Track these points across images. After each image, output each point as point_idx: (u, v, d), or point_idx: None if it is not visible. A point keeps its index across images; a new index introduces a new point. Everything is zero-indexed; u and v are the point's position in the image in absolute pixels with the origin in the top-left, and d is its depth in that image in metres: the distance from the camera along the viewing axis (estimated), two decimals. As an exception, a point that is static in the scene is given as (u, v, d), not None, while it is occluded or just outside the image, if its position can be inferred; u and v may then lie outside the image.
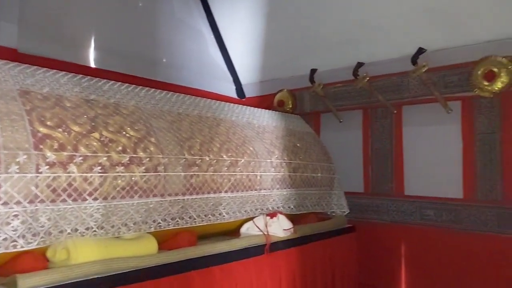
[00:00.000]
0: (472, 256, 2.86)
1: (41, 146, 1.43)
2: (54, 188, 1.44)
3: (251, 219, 2.29)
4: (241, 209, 2.21)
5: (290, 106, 3.87)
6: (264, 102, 3.94)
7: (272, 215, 2.33)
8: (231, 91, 4.29)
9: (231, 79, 4.30)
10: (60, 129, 1.52)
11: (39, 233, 1.40)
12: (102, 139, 1.63)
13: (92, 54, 3.04)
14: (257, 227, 2.26)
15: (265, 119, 2.84)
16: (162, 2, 3.69)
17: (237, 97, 4.31)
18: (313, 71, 3.70)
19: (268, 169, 2.42)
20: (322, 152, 3.03)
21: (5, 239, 1.32)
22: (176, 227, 1.86)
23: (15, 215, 1.34)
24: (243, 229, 2.29)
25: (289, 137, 2.81)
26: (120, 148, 1.68)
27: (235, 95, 4.31)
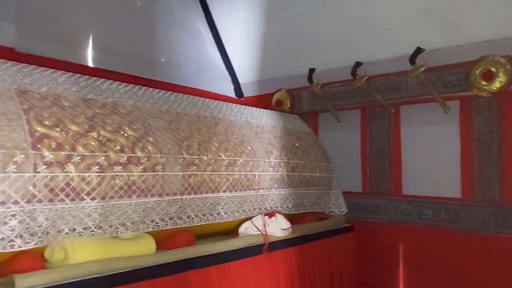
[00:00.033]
0: (470, 255, 2.86)
1: (38, 146, 1.43)
2: (52, 187, 1.43)
3: (249, 218, 2.29)
4: (239, 208, 2.21)
5: (289, 106, 3.87)
6: (262, 102, 3.94)
7: (270, 215, 2.33)
8: (229, 90, 4.29)
9: (229, 78, 4.29)
10: (58, 129, 1.52)
11: (36, 233, 1.40)
12: (100, 138, 1.63)
13: (90, 53, 3.04)
14: (255, 226, 2.26)
15: (263, 118, 2.84)
16: (161, 1, 3.69)
17: (235, 97, 4.31)
18: (311, 70, 3.70)
19: (266, 169, 2.42)
20: (320, 152, 3.03)
21: (2, 239, 1.32)
22: (174, 227, 1.86)
23: (13, 215, 1.34)
24: (241, 229, 2.29)
25: (287, 136, 2.81)
26: (118, 147, 1.68)
27: (233, 95, 4.31)
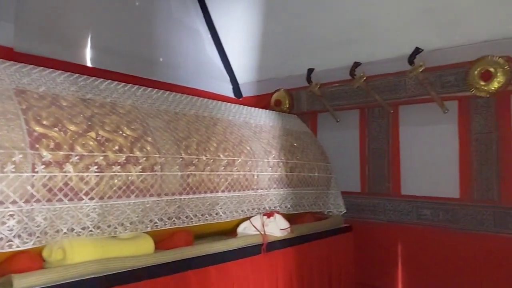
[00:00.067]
0: (469, 255, 2.87)
1: (37, 146, 1.42)
2: (50, 187, 1.43)
3: (248, 218, 2.29)
4: (238, 208, 2.21)
5: (287, 106, 3.87)
6: (261, 102, 3.94)
7: (269, 215, 2.33)
8: (228, 90, 4.29)
9: (228, 78, 4.29)
10: (56, 128, 1.51)
11: (35, 233, 1.39)
12: (98, 138, 1.63)
13: (88, 53, 3.03)
14: (254, 226, 2.26)
15: (262, 118, 2.84)
16: (159, 1, 3.69)
17: (234, 97, 4.31)
18: (310, 70, 3.70)
19: (265, 169, 2.42)
20: (319, 152, 3.03)
21: (0, 239, 1.31)
22: (172, 227, 1.86)
23: (11, 215, 1.33)
24: (240, 229, 2.29)
25: (286, 136, 2.81)
26: (117, 147, 1.67)
27: (232, 95, 4.31)
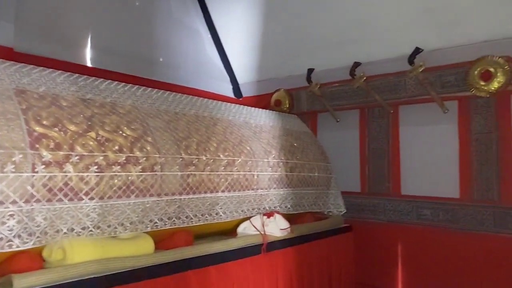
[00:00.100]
0: (469, 255, 2.86)
1: (37, 146, 1.42)
2: (50, 187, 1.43)
3: (248, 218, 2.29)
4: (238, 208, 2.21)
5: (287, 106, 3.87)
6: (261, 102, 3.94)
7: (269, 215, 2.33)
8: (228, 90, 4.29)
9: (228, 78, 4.29)
10: (56, 128, 1.51)
11: (35, 233, 1.39)
12: (98, 138, 1.63)
13: (88, 53, 3.03)
14: (254, 226, 2.26)
15: (262, 118, 2.84)
16: (159, 1, 3.68)
17: (234, 97, 4.31)
18: (310, 70, 3.70)
19: (265, 169, 2.42)
20: (319, 152, 3.03)
21: (0, 239, 1.31)
22: (172, 227, 1.86)
23: (11, 215, 1.33)
24: (240, 229, 2.29)
25: (286, 136, 2.81)
26: (117, 147, 1.67)
27: (232, 95, 4.31)
